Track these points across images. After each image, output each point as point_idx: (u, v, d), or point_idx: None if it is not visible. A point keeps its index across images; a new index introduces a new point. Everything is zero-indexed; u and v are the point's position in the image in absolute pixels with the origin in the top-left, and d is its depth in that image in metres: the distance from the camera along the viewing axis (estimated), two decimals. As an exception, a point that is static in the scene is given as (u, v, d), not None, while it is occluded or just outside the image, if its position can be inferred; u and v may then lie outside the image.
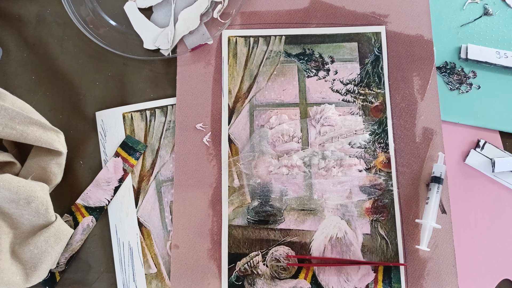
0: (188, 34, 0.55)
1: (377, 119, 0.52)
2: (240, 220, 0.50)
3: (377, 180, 0.51)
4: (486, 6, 0.56)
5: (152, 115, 0.54)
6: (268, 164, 0.52)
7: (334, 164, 0.51)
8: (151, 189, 0.52)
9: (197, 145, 0.52)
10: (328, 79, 0.54)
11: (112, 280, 0.50)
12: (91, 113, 0.54)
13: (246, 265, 0.49)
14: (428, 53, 0.54)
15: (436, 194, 0.48)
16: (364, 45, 0.54)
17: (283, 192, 0.51)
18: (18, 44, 0.56)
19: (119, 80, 0.55)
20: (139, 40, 0.55)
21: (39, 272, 0.45)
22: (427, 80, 0.53)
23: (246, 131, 0.53)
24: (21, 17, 0.57)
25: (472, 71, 0.54)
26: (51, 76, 0.55)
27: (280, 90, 0.54)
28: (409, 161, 0.51)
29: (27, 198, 0.43)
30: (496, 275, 0.49)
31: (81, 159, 0.53)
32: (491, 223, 0.50)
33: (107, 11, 0.57)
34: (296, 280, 0.48)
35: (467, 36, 0.55)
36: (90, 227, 0.51)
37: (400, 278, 0.48)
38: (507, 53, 0.53)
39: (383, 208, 0.50)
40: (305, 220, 0.50)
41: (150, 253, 0.50)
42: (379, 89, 0.53)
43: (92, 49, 0.56)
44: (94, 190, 0.51)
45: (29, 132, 0.45)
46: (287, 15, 0.56)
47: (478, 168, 0.51)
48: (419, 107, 0.52)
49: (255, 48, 0.55)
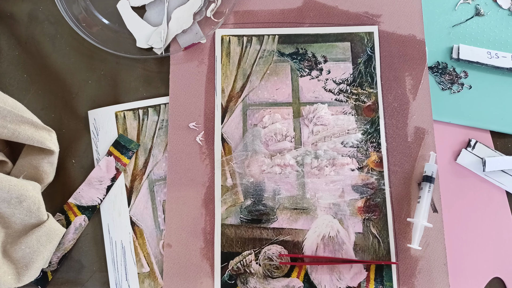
0: (181, 33, 0.55)
1: (369, 118, 0.53)
2: (233, 219, 0.50)
3: (369, 179, 0.51)
4: (477, 6, 0.56)
5: (145, 114, 0.53)
6: (261, 163, 0.52)
7: (326, 163, 0.51)
8: (144, 188, 0.52)
9: (190, 144, 0.52)
10: (321, 79, 0.54)
11: (104, 279, 0.50)
12: (83, 112, 0.54)
13: (239, 264, 0.49)
14: (420, 53, 0.54)
15: (427, 193, 0.48)
16: (357, 45, 0.55)
17: (276, 191, 0.51)
18: (10, 42, 0.56)
19: (112, 78, 0.55)
20: (132, 39, 0.55)
21: (31, 271, 0.45)
22: (419, 80, 0.53)
23: (239, 130, 0.53)
24: (13, 15, 0.57)
25: (464, 71, 0.54)
26: (43, 75, 0.55)
27: (273, 90, 0.54)
28: (401, 160, 0.51)
29: (18, 197, 0.43)
30: (486, 274, 0.49)
31: (73, 158, 0.53)
32: (482, 222, 0.50)
33: (100, 10, 0.57)
34: (289, 279, 0.49)
35: (458, 36, 0.55)
36: (83, 226, 0.51)
37: (392, 277, 0.48)
38: (498, 53, 0.54)
39: (375, 207, 0.50)
40: (298, 219, 0.50)
41: (143, 252, 0.50)
42: (372, 89, 0.53)
43: (84, 48, 0.56)
44: (86, 189, 0.51)
45: (21, 130, 0.45)
46: (281, 15, 0.56)
47: (469, 167, 0.51)
48: (411, 107, 0.53)
49: (248, 47, 0.55)
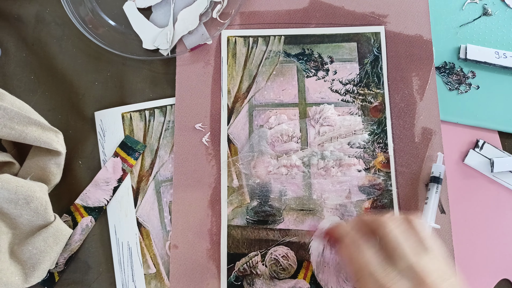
0: (187, 34, 0.55)
1: (376, 119, 0.52)
2: (239, 220, 0.50)
3: (376, 180, 0.51)
4: (485, 6, 0.56)
5: (151, 115, 0.54)
6: (267, 164, 0.52)
7: (333, 164, 0.51)
8: (150, 189, 0.52)
9: (196, 145, 0.52)
10: (327, 79, 0.54)
11: (111, 280, 0.50)
12: (90, 113, 0.54)
13: (245, 265, 0.49)
14: (427, 53, 0.54)
15: (435, 194, 0.48)
16: (363, 45, 0.54)
17: (282, 192, 0.51)
18: (17, 44, 0.56)
19: (118, 80, 0.55)
20: (138, 40, 0.55)
21: (38, 272, 0.45)
22: (426, 80, 0.53)
23: (245, 131, 0.53)
24: (20, 17, 0.57)
25: (471, 71, 0.54)
26: (50, 76, 0.55)
27: (279, 90, 0.54)
28: (408, 161, 0.51)
29: (26, 198, 0.43)
30: (495, 275, 0.49)
31: (80, 159, 0.53)
32: (490, 223, 0.50)
33: (106, 11, 0.57)
34: (295, 280, 0.48)
35: (466, 36, 0.55)
36: (89, 227, 0.51)
37: (399, 278, 0.48)
38: (506, 53, 0.53)
39: (382, 208, 0.50)
40: (304, 220, 0.50)
41: (149, 253, 0.50)
42: (378, 89, 0.53)
43: (91, 49, 0.56)
44: (93, 190, 0.51)
45: (28, 132, 0.45)
46: (287, 15, 0.56)
47: (477, 168, 0.51)
48: (418, 107, 0.52)
49: (254, 48, 0.55)
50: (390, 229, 0.36)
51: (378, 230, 0.37)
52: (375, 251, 0.37)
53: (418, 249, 0.36)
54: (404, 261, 0.35)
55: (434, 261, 0.35)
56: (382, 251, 0.37)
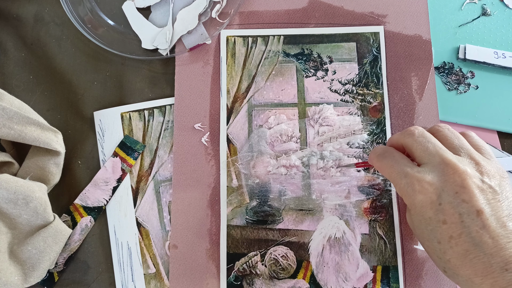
0: (187, 34, 0.55)
1: (375, 119, 0.52)
2: (239, 220, 0.50)
3: (376, 180, 0.51)
4: (484, 6, 0.56)
5: (150, 115, 0.53)
6: (266, 164, 0.52)
7: (332, 164, 0.51)
8: (150, 189, 0.52)
9: (195, 145, 0.52)
10: (326, 79, 0.54)
11: (110, 280, 0.50)
12: (89, 113, 0.54)
13: (244, 265, 0.49)
14: (426, 53, 0.54)
15: (434, 194, 0.48)
16: (363, 45, 0.54)
17: (281, 192, 0.51)
18: (16, 44, 0.56)
19: (117, 80, 0.55)
20: (137, 40, 0.55)
21: (38, 272, 0.45)
22: (425, 80, 0.53)
23: (244, 131, 0.53)
24: (19, 16, 0.57)
25: (470, 71, 0.54)
26: (49, 76, 0.55)
27: (278, 90, 0.54)
28: (407, 161, 0.51)
29: (25, 198, 0.43)
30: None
31: (79, 159, 0.53)
32: (489, 223, 0.50)
33: (105, 11, 0.57)
34: (295, 280, 0.49)
35: (465, 36, 0.55)
36: (89, 227, 0.51)
37: (398, 278, 0.48)
38: (505, 53, 0.53)
39: (381, 208, 0.50)
40: (304, 220, 0.50)
41: (149, 253, 0.50)
42: (378, 89, 0.53)
43: (90, 49, 0.56)
44: (92, 190, 0.51)
45: (27, 132, 0.45)
46: (286, 15, 0.56)
47: (476, 168, 0.51)
48: (417, 107, 0.52)
49: (254, 48, 0.55)
50: (418, 134, 0.40)
51: (407, 140, 0.41)
52: (409, 160, 0.41)
53: (446, 148, 0.39)
54: (437, 156, 0.38)
55: (463, 157, 0.39)
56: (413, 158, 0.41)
